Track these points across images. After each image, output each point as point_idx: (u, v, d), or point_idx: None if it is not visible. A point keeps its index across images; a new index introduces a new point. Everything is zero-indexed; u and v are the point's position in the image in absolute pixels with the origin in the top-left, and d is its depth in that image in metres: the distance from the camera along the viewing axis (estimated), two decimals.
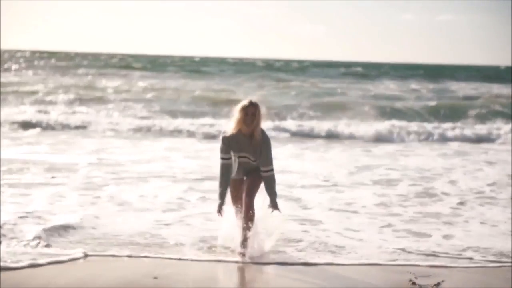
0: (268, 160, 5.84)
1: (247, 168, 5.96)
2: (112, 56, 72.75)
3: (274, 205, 5.88)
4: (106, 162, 11.04)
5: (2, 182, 8.75)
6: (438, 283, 5.23)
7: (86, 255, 5.73)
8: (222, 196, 5.86)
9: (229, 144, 5.85)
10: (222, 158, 5.90)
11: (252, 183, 5.93)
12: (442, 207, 8.27)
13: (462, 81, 40.31)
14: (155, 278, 5.17)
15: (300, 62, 73.91)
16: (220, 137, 5.93)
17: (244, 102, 5.79)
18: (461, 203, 8.49)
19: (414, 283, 5.25)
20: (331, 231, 6.92)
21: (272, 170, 5.86)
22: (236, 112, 5.80)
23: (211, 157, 11.73)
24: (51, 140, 13.91)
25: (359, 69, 54.22)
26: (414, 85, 34.22)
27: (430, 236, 6.85)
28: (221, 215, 5.86)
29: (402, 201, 8.56)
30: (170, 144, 14.19)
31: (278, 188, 6.10)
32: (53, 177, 9.37)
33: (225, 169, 5.90)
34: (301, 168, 11.03)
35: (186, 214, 7.47)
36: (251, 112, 5.73)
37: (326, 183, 9.80)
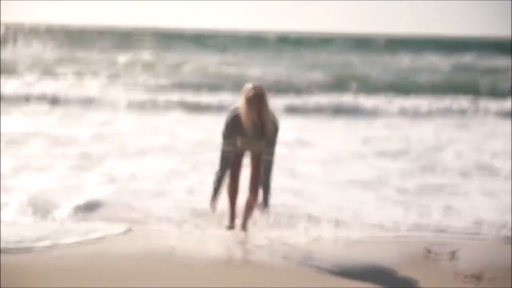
0: (274, 143, 5.26)
1: (254, 146, 5.35)
2: (115, 30, 72.62)
3: (265, 203, 5.36)
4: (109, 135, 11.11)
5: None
6: (454, 252, 5.22)
7: (129, 230, 5.67)
8: (217, 191, 5.34)
9: (235, 127, 5.19)
10: (224, 148, 5.27)
11: (259, 165, 5.37)
12: (445, 179, 8.23)
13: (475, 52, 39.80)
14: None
15: (309, 35, 73.21)
16: (226, 119, 5.25)
17: (248, 90, 5.09)
18: (464, 175, 8.47)
19: (429, 251, 5.23)
20: (332, 205, 6.82)
21: (273, 154, 5.28)
22: (242, 99, 5.15)
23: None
24: (59, 113, 14.05)
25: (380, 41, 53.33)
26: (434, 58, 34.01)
27: (437, 208, 6.80)
28: (214, 210, 5.40)
29: (405, 174, 8.53)
30: (180, 117, 14.24)
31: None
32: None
33: (226, 162, 5.30)
34: (301, 140, 11.02)
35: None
36: (255, 105, 5.04)
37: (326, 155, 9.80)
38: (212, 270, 4.69)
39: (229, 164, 5.32)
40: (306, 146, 10.54)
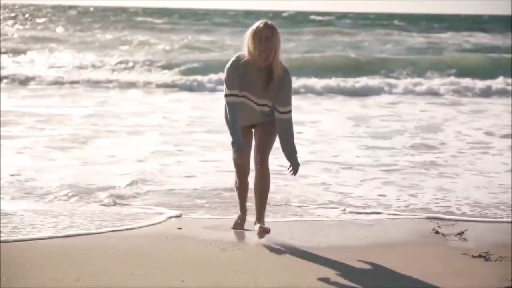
0: (288, 99, 4.62)
1: (251, 115, 4.71)
2: (108, 9, 72.18)
3: (295, 164, 4.67)
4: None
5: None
6: (462, 232, 5.18)
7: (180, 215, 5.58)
8: (238, 139, 4.53)
9: (239, 73, 4.54)
10: (230, 95, 4.57)
11: (265, 134, 4.73)
12: (440, 158, 8.22)
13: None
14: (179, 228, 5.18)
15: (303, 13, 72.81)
16: (227, 66, 4.59)
17: (257, 23, 4.48)
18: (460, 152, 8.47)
19: (437, 232, 5.19)
20: (329, 186, 6.76)
21: (290, 112, 4.63)
22: (246, 38, 4.50)
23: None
24: (61, 93, 14.09)
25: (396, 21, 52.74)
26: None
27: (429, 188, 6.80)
28: (246, 155, 4.66)
29: (397, 153, 8.51)
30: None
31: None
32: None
33: (234, 110, 4.56)
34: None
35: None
36: (265, 36, 4.42)
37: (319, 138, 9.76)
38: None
39: (236, 111, 4.58)
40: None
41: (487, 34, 36.99)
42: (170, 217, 5.50)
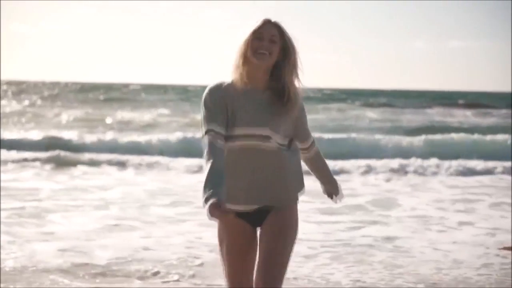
0: (309, 130, 3.22)
1: (259, 167, 2.98)
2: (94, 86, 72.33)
3: (336, 190, 3.34)
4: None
5: None
6: None
7: None
8: (218, 191, 2.72)
9: (224, 102, 2.95)
10: (210, 131, 2.91)
11: (279, 237, 2.97)
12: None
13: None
14: None
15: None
16: (204, 95, 3.01)
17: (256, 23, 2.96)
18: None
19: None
20: None
21: (315, 142, 3.26)
22: (241, 47, 2.95)
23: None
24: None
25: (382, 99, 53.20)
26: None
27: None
28: (225, 215, 2.66)
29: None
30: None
31: None
32: None
33: (216, 153, 2.85)
34: None
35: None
36: (269, 37, 2.92)
37: None
38: None
39: (222, 159, 2.86)
40: None
41: None
42: None
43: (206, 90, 3.03)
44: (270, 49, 2.95)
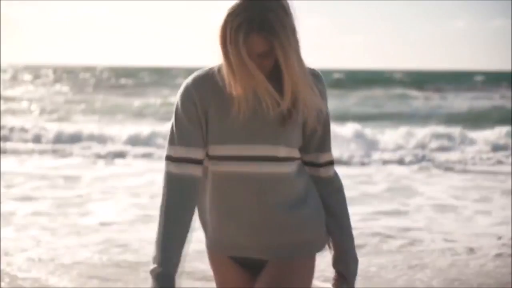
0: (330, 143, 2.17)
1: (262, 202, 2.04)
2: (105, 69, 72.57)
3: (348, 272, 2.18)
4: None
5: None
6: None
7: None
8: (170, 255, 1.96)
9: (203, 111, 2.01)
10: (176, 161, 2.00)
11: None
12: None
13: None
14: None
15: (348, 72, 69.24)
16: (177, 97, 2.05)
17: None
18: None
19: None
20: None
21: (333, 163, 2.20)
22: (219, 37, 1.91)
23: None
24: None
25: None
26: None
27: None
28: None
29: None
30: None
31: None
32: None
33: (180, 194, 1.99)
34: None
35: None
36: (256, 51, 1.90)
37: None
38: None
39: (191, 200, 2.01)
40: None
41: None
42: None
43: (184, 88, 2.04)
44: (261, 64, 1.96)
